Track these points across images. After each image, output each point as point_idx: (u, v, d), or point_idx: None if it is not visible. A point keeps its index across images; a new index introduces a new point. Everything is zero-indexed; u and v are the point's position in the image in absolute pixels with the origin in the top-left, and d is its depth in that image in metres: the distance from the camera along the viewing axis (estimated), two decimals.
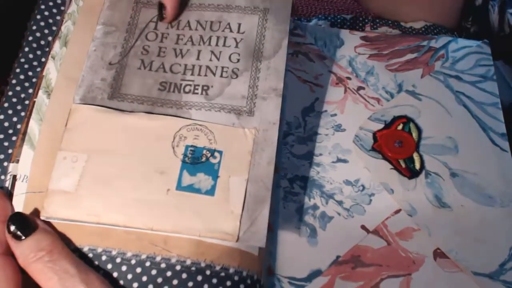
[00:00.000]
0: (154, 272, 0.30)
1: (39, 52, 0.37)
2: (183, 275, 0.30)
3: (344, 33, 0.46)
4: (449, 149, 0.40)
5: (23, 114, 0.34)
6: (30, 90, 0.35)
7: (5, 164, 0.33)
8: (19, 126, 0.34)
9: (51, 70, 0.35)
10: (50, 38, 0.37)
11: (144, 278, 0.30)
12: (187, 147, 0.32)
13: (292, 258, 0.36)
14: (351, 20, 0.51)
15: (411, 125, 0.41)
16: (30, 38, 0.37)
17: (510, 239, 0.37)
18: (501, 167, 0.39)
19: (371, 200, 0.38)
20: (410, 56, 0.45)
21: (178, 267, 0.30)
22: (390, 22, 0.51)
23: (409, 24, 0.51)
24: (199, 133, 0.32)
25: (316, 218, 0.37)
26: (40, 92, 0.34)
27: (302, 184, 0.39)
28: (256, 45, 0.36)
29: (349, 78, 0.44)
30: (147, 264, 0.30)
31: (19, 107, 0.35)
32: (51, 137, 0.33)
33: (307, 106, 0.42)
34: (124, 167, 0.31)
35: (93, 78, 0.34)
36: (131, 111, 0.33)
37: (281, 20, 0.36)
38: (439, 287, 0.35)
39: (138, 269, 0.30)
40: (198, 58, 0.35)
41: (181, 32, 0.36)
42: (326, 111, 0.42)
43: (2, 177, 0.33)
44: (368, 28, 0.50)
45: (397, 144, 0.40)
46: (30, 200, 0.31)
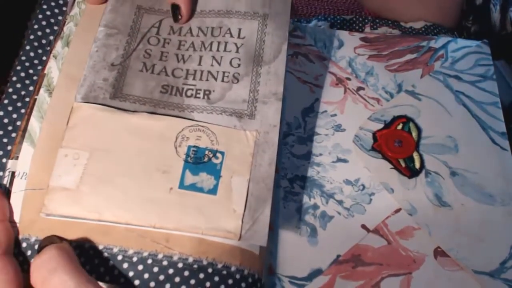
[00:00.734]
0: (156, 270, 0.30)
1: (40, 51, 0.37)
2: (185, 273, 0.30)
3: (344, 34, 0.47)
4: (449, 148, 0.40)
5: (23, 111, 0.34)
6: (31, 88, 0.35)
7: (4, 161, 0.33)
8: (19, 123, 0.34)
9: (53, 69, 0.35)
10: (52, 37, 0.37)
11: (146, 276, 0.30)
12: (190, 148, 0.32)
13: (293, 258, 0.36)
14: (351, 21, 0.51)
15: (411, 125, 0.41)
16: (32, 37, 0.37)
17: (511, 238, 0.37)
18: (501, 166, 0.39)
19: (371, 200, 0.38)
20: (410, 57, 0.45)
21: (180, 265, 0.30)
22: (390, 22, 0.51)
23: (409, 24, 0.51)
24: (202, 134, 0.32)
25: (317, 218, 0.38)
26: (42, 90, 0.34)
27: (302, 184, 0.39)
28: (256, 50, 0.36)
29: (349, 79, 0.44)
30: (149, 262, 0.30)
31: (19, 104, 0.35)
32: (52, 135, 0.32)
33: (307, 107, 0.42)
34: (126, 165, 0.31)
35: (95, 78, 0.34)
36: (134, 111, 0.33)
37: (281, 26, 0.37)
38: (440, 286, 0.35)
39: (140, 267, 0.30)
40: (200, 64, 0.36)
41: (183, 38, 0.37)
42: (326, 112, 0.42)
43: (1, 174, 0.33)
44: (368, 29, 0.50)
45: (397, 144, 0.40)
46: (29, 197, 0.31)
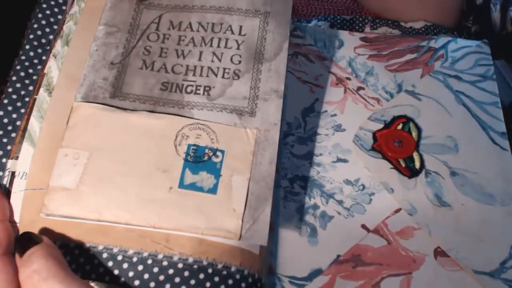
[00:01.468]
0: (156, 270, 0.30)
1: (40, 50, 0.37)
2: (185, 273, 0.30)
3: (344, 34, 0.47)
4: (449, 148, 0.40)
5: (23, 111, 0.34)
6: (31, 87, 0.35)
7: (4, 161, 0.33)
8: (19, 123, 0.34)
9: (53, 69, 0.35)
10: (51, 37, 0.37)
11: (146, 276, 0.30)
12: (189, 146, 0.32)
13: (293, 258, 0.36)
14: (351, 21, 0.51)
15: (411, 125, 0.41)
16: (31, 36, 0.37)
17: (511, 238, 0.37)
18: (501, 166, 0.39)
19: (371, 200, 0.38)
20: (410, 57, 0.45)
21: (180, 265, 0.30)
22: (390, 22, 0.51)
23: (409, 24, 0.51)
24: (201, 133, 0.32)
25: (317, 218, 0.37)
26: (42, 90, 0.34)
27: (303, 184, 0.39)
28: (257, 48, 0.36)
29: (349, 79, 0.44)
30: (149, 262, 0.30)
31: (19, 104, 0.35)
32: (52, 135, 0.32)
33: (307, 107, 0.42)
34: (126, 165, 0.31)
35: (95, 77, 0.34)
36: (133, 110, 0.33)
37: (282, 24, 0.37)
38: (440, 286, 0.35)
39: (140, 267, 0.30)
40: (200, 59, 0.35)
41: (183, 33, 0.36)
42: (326, 111, 0.42)
43: (1, 174, 0.33)
44: (368, 29, 0.50)
45: (397, 144, 0.40)
46: (29, 197, 0.31)
